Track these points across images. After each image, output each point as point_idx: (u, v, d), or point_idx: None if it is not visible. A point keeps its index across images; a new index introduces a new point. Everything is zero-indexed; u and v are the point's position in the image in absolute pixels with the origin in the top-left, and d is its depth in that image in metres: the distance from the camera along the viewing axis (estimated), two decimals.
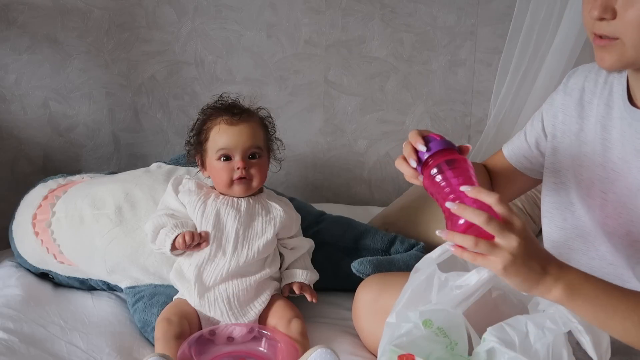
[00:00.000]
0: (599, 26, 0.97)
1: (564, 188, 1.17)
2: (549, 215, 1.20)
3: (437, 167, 0.99)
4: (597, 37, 0.98)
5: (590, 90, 1.14)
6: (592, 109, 1.13)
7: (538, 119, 1.23)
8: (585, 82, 1.15)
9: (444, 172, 0.98)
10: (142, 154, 2.07)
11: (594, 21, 0.97)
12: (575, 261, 1.15)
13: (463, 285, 1.00)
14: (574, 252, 1.16)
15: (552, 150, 1.18)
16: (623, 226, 1.06)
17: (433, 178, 0.99)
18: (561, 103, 1.18)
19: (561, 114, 1.18)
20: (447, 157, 0.99)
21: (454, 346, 0.98)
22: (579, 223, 1.14)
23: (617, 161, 1.07)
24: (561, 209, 1.18)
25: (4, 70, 1.91)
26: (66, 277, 1.54)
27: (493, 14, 2.10)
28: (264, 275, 1.37)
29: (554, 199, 1.19)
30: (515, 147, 1.27)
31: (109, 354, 1.27)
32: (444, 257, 1.06)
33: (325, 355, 1.17)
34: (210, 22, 2.01)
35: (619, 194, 1.06)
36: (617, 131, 1.07)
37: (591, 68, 1.16)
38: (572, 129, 1.15)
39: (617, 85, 1.10)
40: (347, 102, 2.14)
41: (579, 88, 1.16)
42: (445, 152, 1.00)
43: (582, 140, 1.13)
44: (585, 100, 1.14)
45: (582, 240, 1.14)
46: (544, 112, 1.22)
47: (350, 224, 1.65)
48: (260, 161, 1.40)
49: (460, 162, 0.99)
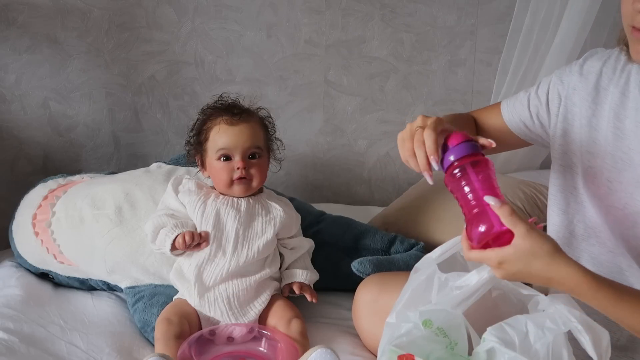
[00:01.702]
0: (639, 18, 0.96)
1: (569, 172, 1.16)
2: (553, 198, 1.20)
3: (460, 168, 0.98)
4: (635, 30, 0.98)
5: (608, 76, 1.12)
6: (607, 96, 1.11)
7: (543, 90, 1.21)
8: (604, 67, 1.14)
9: (467, 176, 0.98)
10: (142, 154, 2.07)
11: (636, 14, 0.96)
12: (575, 246, 1.15)
13: (463, 286, 1.00)
14: (575, 238, 1.16)
15: (562, 132, 1.17)
16: (629, 217, 1.05)
17: (455, 178, 0.99)
18: (575, 84, 1.16)
19: (575, 96, 1.15)
20: (472, 158, 0.98)
21: (454, 346, 0.98)
22: (582, 208, 1.14)
23: (628, 151, 1.06)
24: (565, 193, 1.17)
25: (4, 70, 1.91)
26: (66, 277, 1.54)
27: (493, 14, 2.10)
28: (264, 275, 1.37)
29: (559, 181, 1.18)
30: (515, 112, 1.25)
31: (109, 354, 1.27)
32: (444, 257, 1.06)
33: (325, 355, 1.17)
34: (210, 22, 2.01)
35: (625, 184, 1.06)
36: (631, 121, 1.07)
37: (610, 53, 1.15)
38: (584, 113, 1.14)
39: (635, 75, 1.08)
40: (347, 102, 2.14)
41: (596, 72, 1.14)
42: (471, 155, 0.99)
43: (594, 126, 1.12)
44: (602, 86, 1.13)
45: (584, 226, 1.14)
46: (551, 86, 1.19)
47: (350, 224, 1.65)
48: (260, 161, 1.40)
49: (484, 166, 0.99)
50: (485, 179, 0.98)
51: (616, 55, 1.13)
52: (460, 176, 0.98)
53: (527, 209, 1.77)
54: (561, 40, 1.85)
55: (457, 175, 0.98)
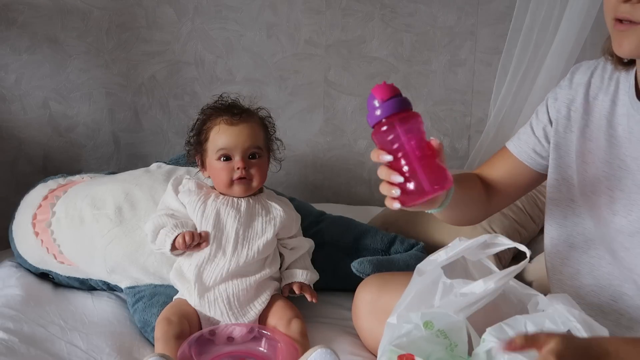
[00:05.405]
0: (624, 8, 0.95)
1: (565, 185, 1.16)
2: (550, 212, 1.20)
3: (389, 125, 0.96)
4: (617, 23, 0.97)
5: (597, 86, 1.12)
6: (597, 105, 1.11)
7: (543, 111, 1.20)
8: (592, 77, 1.14)
9: (398, 135, 0.96)
10: (142, 154, 2.07)
11: (618, 4, 0.95)
12: (574, 259, 1.15)
13: (468, 293, 0.99)
14: (574, 250, 1.15)
15: (555, 146, 1.17)
16: (633, 223, 1.05)
17: (384, 135, 0.97)
18: (566, 98, 1.16)
19: (565, 108, 1.16)
20: (401, 115, 0.97)
21: (454, 347, 0.98)
22: (580, 221, 1.14)
23: (624, 158, 1.06)
24: (562, 206, 1.17)
25: (4, 70, 1.91)
26: (66, 277, 1.54)
27: (493, 14, 2.10)
28: (264, 275, 1.37)
29: (556, 195, 1.18)
30: (522, 143, 1.22)
31: (109, 354, 1.27)
32: (449, 261, 1.05)
33: (325, 355, 1.17)
34: (210, 22, 2.01)
35: (627, 192, 1.06)
36: (624, 128, 1.06)
37: (596, 64, 1.15)
38: (577, 125, 1.13)
39: (623, 82, 1.08)
40: (347, 102, 2.14)
41: (584, 83, 1.14)
42: (400, 112, 0.97)
43: (587, 136, 1.12)
44: (591, 96, 1.13)
45: (583, 239, 1.14)
46: (549, 106, 1.19)
47: (350, 224, 1.65)
48: (260, 161, 1.40)
49: (413, 121, 0.98)
50: (416, 134, 0.97)
51: (602, 65, 1.13)
52: (390, 133, 0.97)
53: (527, 209, 1.77)
54: (561, 40, 1.85)
55: (386, 132, 0.97)
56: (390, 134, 0.97)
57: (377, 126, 0.98)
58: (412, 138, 0.96)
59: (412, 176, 0.96)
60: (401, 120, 0.96)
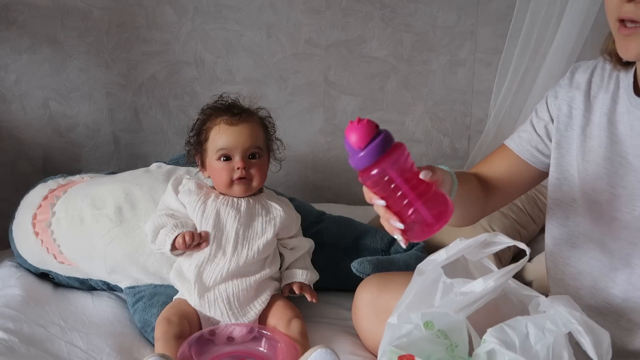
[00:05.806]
0: (627, 8, 0.94)
1: (566, 184, 1.16)
2: (551, 212, 1.19)
3: (379, 170, 0.89)
4: (621, 26, 0.96)
5: (597, 85, 1.13)
6: (598, 103, 1.11)
7: (543, 109, 1.19)
8: (592, 76, 1.14)
9: (391, 178, 0.89)
10: (142, 154, 2.07)
11: (622, 3, 0.94)
12: (574, 259, 1.15)
13: (468, 292, 0.99)
14: (575, 250, 1.15)
15: (557, 145, 1.16)
16: (638, 219, 1.05)
17: (376, 179, 0.90)
18: (567, 96, 1.16)
19: (566, 107, 1.15)
20: (389, 155, 0.89)
21: (455, 348, 0.98)
22: (582, 220, 1.14)
23: (625, 155, 1.06)
24: (563, 206, 1.17)
25: (4, 70, 1.91)
26: (66, 277, 1.54)
27: (493, 14, 2.10)
28: (264, 275, 1.37)
29: (557, 194, 1.17)
30: (523, 141, 1.21)
31: (109, 354, 1.27)
32: (449, 260, 1.05)
33: (325, 355, 1.17)
34: (210, 22, 2.01)
35: (630, 188, 1.06)
36: (624, 126, 1.07)
37: (595, 63, 1.15)
38: (578, 123, 1.13)
39: (623, 80, 1.09)
40: (347, 102, 2.14)
41: (585, 82, 1.14)
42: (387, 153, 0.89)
43: (588, 134, 1.12)
44: (592, 94, 1.13)
45: (585, 239, 1.14)
46: (549, 101, 1.19)
47: (350, 224, 1.65)
48: (260, 161, 1.40)
49: (399, 153, 0.89)
50: (409, 171, 0.90)
51: (601, 64, 1.14)
52: (382, 176, 0.90)
53: (527, 209, 1.77)
54: (561, 40, 1.85)
55: (377, 174, 0.90)
56: (383, 177, 0.90)
57: (364, 171, 0.91)
58: (406, 176, 0.90)
59: (414, 213, 0.91)
60: (392, 163, 0.89)
